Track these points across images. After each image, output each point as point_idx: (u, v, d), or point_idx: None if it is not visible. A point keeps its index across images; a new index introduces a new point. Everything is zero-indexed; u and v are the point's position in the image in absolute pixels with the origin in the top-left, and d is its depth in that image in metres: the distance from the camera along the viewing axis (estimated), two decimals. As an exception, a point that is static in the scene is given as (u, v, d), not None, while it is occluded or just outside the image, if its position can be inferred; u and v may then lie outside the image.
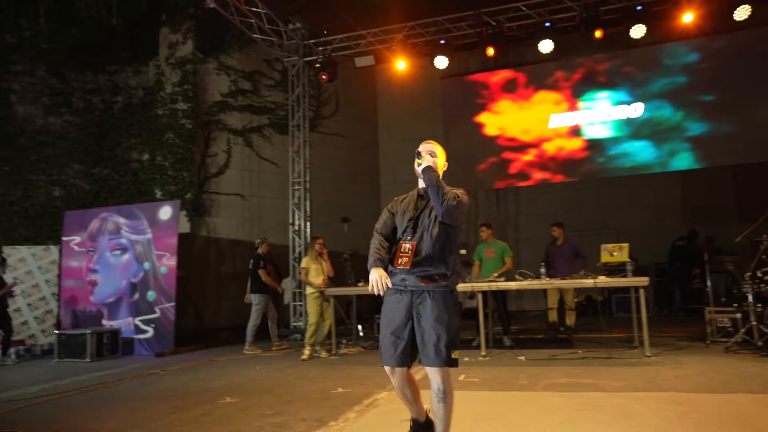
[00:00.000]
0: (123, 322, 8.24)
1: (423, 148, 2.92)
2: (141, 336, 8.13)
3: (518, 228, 11.98)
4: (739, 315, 6.26)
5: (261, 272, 7.74)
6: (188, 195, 10.04)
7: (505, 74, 10.73)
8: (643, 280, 5.89)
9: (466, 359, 6.16)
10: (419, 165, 2.84)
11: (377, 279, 2.69)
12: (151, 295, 8.18)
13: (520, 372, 5.22)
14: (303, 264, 7.15)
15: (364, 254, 3.00)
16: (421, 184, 2.86)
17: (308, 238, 9.48)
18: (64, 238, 8.81)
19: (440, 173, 2.87)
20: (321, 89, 12.03)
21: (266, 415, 4.03)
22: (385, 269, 2.75)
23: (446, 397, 2.70)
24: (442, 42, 9.29)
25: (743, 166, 9.72)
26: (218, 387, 5.22)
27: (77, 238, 8.73)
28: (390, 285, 2.73)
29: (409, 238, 2.77)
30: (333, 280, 7.19)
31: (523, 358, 6.05)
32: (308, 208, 9.89)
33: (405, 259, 2.72)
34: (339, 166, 12.59)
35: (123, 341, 8.06)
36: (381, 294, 2.75)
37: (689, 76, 9.62)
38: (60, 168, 10.09)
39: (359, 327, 8.83)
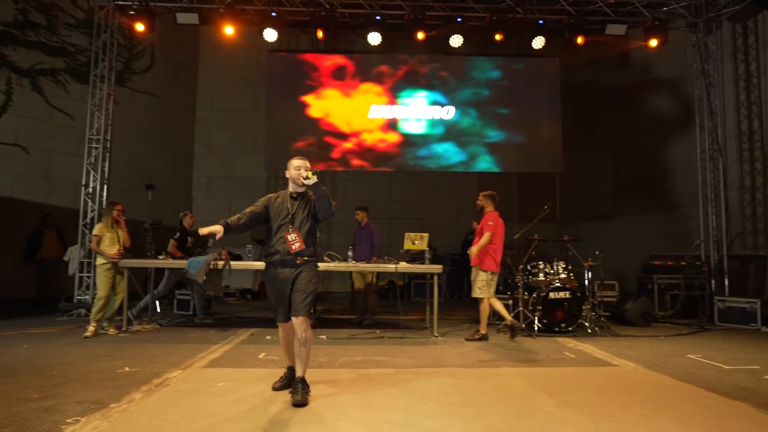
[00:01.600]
0: None
1: (304, 164, 3.78)
2: None
3: (333, 212, 12.25)
4: (510, 301, 7.28)
5: (171, 242, 7.35)
6: (-53, 138, 8.27)
7: (337, 60, 10.81)
8: (437, 268, 6.49)
9: (267, 337, 6.16)
10: (307, 179, 3.63)
11: (211, 228, 3.56)
12: None
13: (320, 350, 5.37)
14: (95, 231, 6.42)
15: (168, 225, 2.85)
16: (292, 188, 3.81)
17: (104, 202, 8.50)
18: None
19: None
20: (134, 40, 10.83)
21: (31, 400, 3.53)
22: (227, 232, 3.62)
23: (306, 342, 3.61)
24: (274, 14, 9.00)
25: (527, 174, 11.27)
26: (-30, 368, 4.42)
27: None
28: (205, 234, 3.61)
29: (290, 229, 3.68)
30: (130, 251, 6.58)
31: (324, 337, 6.23)
32: (107, 170, 8.84)
33: (297, 244, 3.67)
34: (148, 128, 11.50)
35: None
36: (203, 234, 3.60)
37: (491, 90, 10.81)
38: None
39: (157, 303, 8.22)
